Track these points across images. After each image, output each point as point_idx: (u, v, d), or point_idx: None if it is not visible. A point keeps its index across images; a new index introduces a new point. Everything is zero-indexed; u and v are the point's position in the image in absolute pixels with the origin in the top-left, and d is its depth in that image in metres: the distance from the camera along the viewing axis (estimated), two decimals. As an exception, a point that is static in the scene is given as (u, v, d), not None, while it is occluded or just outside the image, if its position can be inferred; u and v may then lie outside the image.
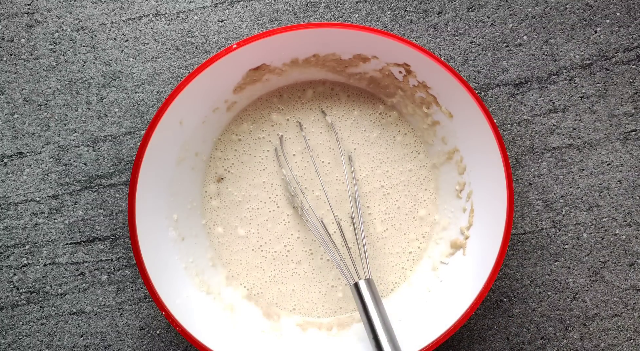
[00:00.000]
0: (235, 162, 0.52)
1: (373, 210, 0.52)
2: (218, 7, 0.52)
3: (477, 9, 0.53)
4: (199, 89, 0.46)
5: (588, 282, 0.53)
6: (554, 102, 0.53)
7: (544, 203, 0.53)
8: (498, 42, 0.53)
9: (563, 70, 0.53)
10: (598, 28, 0.53)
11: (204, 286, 0.49)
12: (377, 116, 0.52)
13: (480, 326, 0.53)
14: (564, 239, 0.53)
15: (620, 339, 0.53)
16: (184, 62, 0.52)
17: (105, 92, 0.52)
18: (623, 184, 0.53)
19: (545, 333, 0.53)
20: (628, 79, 0.53)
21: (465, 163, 0.49)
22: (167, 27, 0.52)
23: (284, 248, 0.52)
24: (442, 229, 0.52)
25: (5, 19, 0.52)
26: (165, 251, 0.47)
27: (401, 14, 0.53)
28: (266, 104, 0.52)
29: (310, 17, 0.52)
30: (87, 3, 0.52)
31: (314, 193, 0.52)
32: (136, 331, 0.52)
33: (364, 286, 0.46)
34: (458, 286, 0.48)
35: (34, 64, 0.52)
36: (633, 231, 0.53)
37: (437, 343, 0.46)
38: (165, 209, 0.48)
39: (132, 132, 0.52)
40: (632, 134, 0.53)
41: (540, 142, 0.53)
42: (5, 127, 0.52)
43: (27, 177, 0.52)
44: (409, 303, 0.51)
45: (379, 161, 0.52)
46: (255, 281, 0.52)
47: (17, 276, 0.52)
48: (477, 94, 0.46)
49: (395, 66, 0.48)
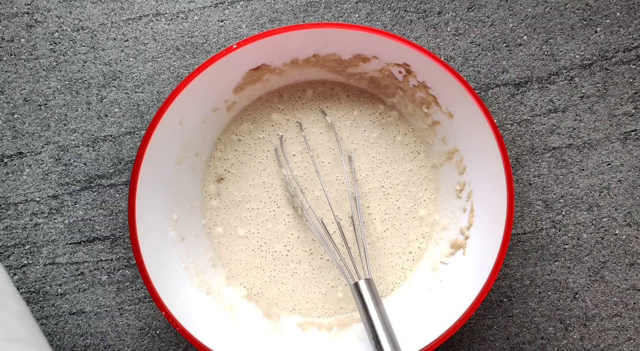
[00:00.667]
0: (235, 162, 0.52)
1: (373, 210, 0.52)
2: (218, 7, 0.52)
3: (477, 9, 0.53)
4: (199, 89, 0.46)
5: (588, 282, 0.53)
6: (554, 102, 0.53)
7: (544, 203, 0.53)
8: (498, 42, 0.53)
9: (563, 70, 0.53)
10: (598, 28, 0.53)
11: (204, 286, 0.49)
12: (377, 116, 0.52)
13: (480, 326, 0.53)
14: (564, 239, 0.53)
15: (620, 339, 0.53)
16: (184, 62, 0.52)
17: (105, 92, 0.52)
18: (623, 184, 0.53)
19: (545, 333, 0.53)
20: (628, 79, 0.53)
21: (465, 163, 0.49)
22: (167, 27, 0.52)
23: (284, 248, 0.52)
24: (442, 229, 0.52)
25: (5, 19, 0.52)
26: (165, 251, 0.47)
27: (401, 14, 0.53)
28: (266, 104, 0.52)
29: (310, 17, 0.52)
30: (87, 3, 0.52)
31: (314, 193, 0.52)
32: (136, 331, 0.52)
33: (364, 286, 0.46)
34: (458, 286, 0.48)
35: (34, 64, 0.52)
36: (633, 231, 0.53)
37: (437, 343, 0.46)
38: (165, 209, 0.48)
39: (132, 132, 0.52)
40: (632, 134, 0.53)
41: (540, 142, 0.53)
42: (5, 127, 0.52)
43: (27, 177, 0.52)
44: (409, 303, 0.51)
45: (378, 161, 0.52)
46: (255, 281, 0.52)
47: (17, 276, 0.52)
48: (477, 94, 0.46)
49: (395, 66, 0.48)
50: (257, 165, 0.52)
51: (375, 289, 0.47)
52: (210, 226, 0.52)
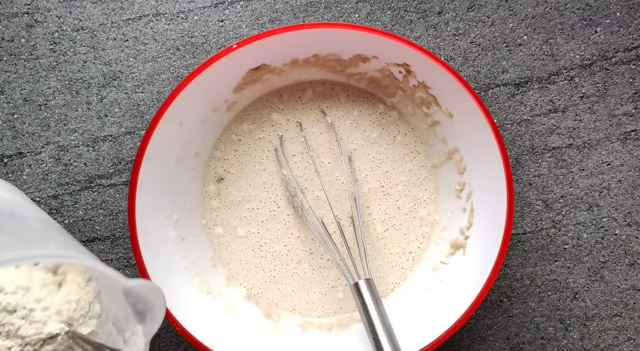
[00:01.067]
0: (235, 162, 0.52)
1: (373, 210, 0.52)
2: (218, 7, 0.52)
3: (477, 9, 0.53)
4: (199, 89, 0.46)
5: (588, 282, 0.53)
6: (554, 102, 0.53)
7: (544, 203, 0.53)
8: (498, 42, 0.53)
9: (563, 70, 0.53)
10: (598, 28, 0.53)
11: (204, 286, 0.49)
12: (377, 116, 0.52)
13: (480, 326, 0.53)
14: (564, 239, 0.53)
15: (620, 339, 0.53)
16: (184, 62, 0.52)
17: (105, 92, 0.52)
18: (623, 184, 0.53)
19: (545, 333, 0.53)
20: (628, 79, 0.53)
21: (465, 163, 0.49)
22: (167, 27, 0.52)
23: (284, 247, 0.52)
24: (442, 229, 0.52)
25: (5, 19, 0.52)
26: (165, 251, 0.47)
27: (401, 14, 0.53)
28: (266, 104, 0.52)
29: (310, 17, 0.52)
30: (87, 3, 0.52)
31: (314, 193, 0.52)
32: (136, 331, 0.52)
33: (364, 286, 0.46)
34: (458, 286, 0.48)
35: (34, 64, 0.52)
36: (633, 231, 0.53)
37: (437, 343, 0.46)
38: (165, 209, 0.48)
39: (132, 132, 0.52)
40: (632, 134, 0.53)
41: (540, 142, 0.53)
42: (5, 127, 0.52)
43: (27, 177, 0.52)
44: (409, 303, 0.51)
45: (378, 161, 0.52)
46: (255, 281, 0.52)
47: (17, 276, 0.52)
48: (477, 94, 0.46)
49: (395, 66, 0.48)
50: (257, 165, 0.52)
51: (375, 289, 0.47)
52: (210, 226, 0.52)
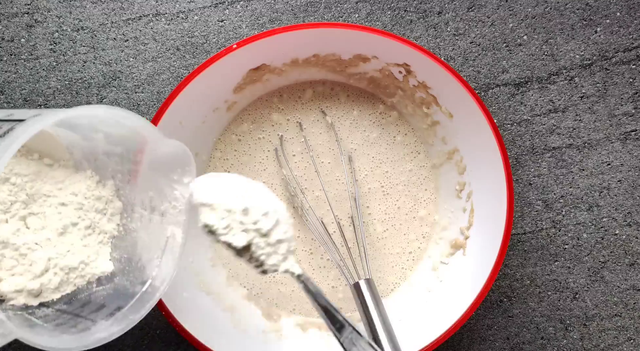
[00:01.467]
0: (235, 162, 0.52)
1: (373, 210, 0.52)
2: (218, 7, 0.52)
3: (477, 9, 0.53)
4: (199, 89, 0.46)
5: (588, 282, 0.53)
6: (554, 102, 0.53)
7: (544, 203, 0.53)
8: (498, 42, 0.53)
9: (563, 70, 0.53)
10: (598, 28, 0.53)
11: (204, 286, 0.49)
12: (377, 116, 0.52)
13: (480, 326, 0.53)
14: (564, 239, 0.53)
15: (620, 339, 0.53)
16: (184, 62, 0.52)
17: (105, 92, 0.52)
18: (623, 184, 0.53)
19: (545, 333, 0.53)
20: (628, 79, 0.53)
21: (465, 163, 0.49)
22: (167, 27, 0.52)
23: (284, 248, 0.52)
24: (442, 229, 0.52)
25: (5, 19, 0.52)
26: (165, 251, 0.47)
27: (401, 14, 0.53)
28: (266, 104, 0.52)
29: (310, 17, 0.52)
30: (87, 3, 0.52)
31: (314, 193, 0.52)
32: (136, 331, 0.52)
33: (364, 286, 0.46)
34: (458, 286, 0.48)
35: (34, 64, 0.52)
36: (633, 231, 0.53)
37: (437, 343, 0.46)
38: (165, 209, 0.48)
39: (132, 132, 0.52)
40: (632, 134, 0.53)
41: (540, 142, 0.53)
42: (5, 127, 0.52)
43: (27, 177, 0.52)
44: (409, 303, 0.51)
45: (378, 161, 0.52)
46: (255, 282, 0.52)
47: (17, 276, 0.52)
48: (477, 94, 0.46)
49: (395, 66, 0.48)
50: (257, 165, 0.52)
51: (375, 289, 0.47)
52: (210, 226, 0.52)
